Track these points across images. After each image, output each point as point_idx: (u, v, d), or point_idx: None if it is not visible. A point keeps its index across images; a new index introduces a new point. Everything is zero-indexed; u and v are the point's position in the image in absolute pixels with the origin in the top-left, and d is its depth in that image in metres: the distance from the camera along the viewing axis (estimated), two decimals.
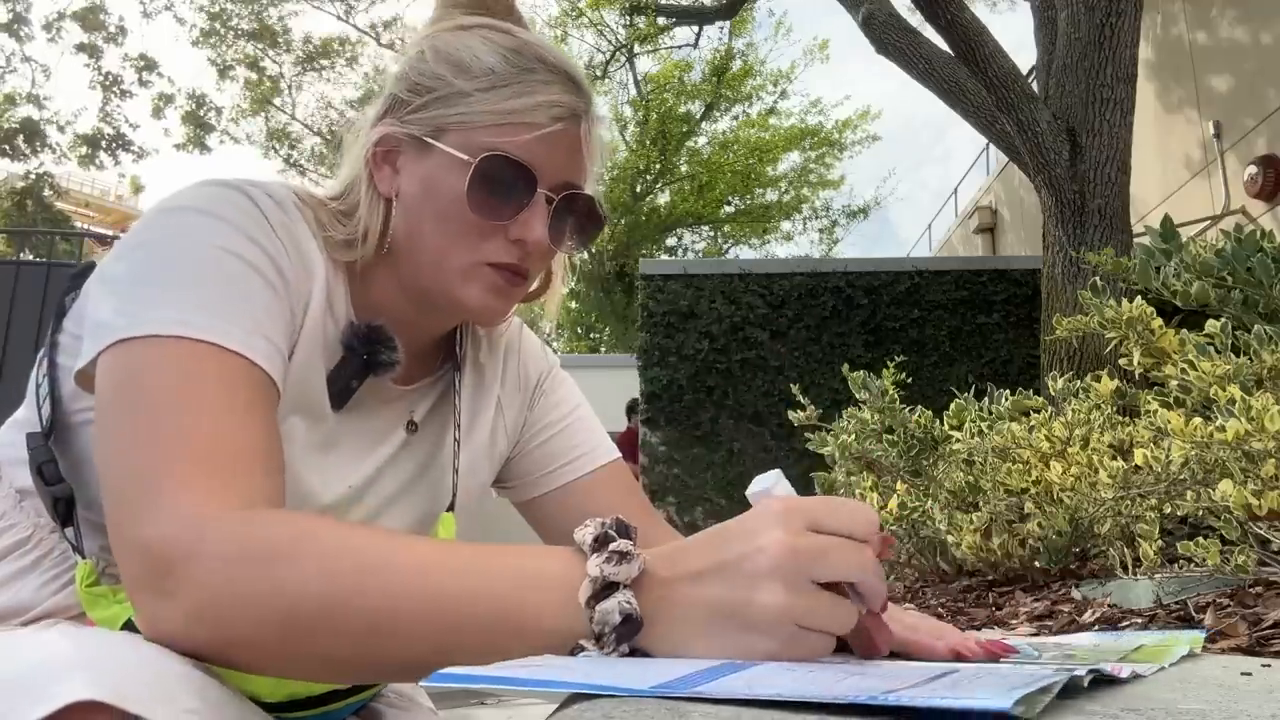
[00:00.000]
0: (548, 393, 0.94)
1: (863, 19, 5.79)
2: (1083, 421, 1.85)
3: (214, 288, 0.62)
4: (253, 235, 0.66)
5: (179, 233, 0.65)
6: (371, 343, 0.75)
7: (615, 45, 18.06)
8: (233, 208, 0.67)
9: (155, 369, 0.59)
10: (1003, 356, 7.20)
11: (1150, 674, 0.51)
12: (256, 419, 0.60)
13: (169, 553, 0.52)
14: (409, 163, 0.75)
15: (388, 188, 0.76)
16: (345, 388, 0.75)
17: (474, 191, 0.71)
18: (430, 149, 0.73)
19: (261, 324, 0.64)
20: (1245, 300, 1.86)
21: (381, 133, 0.76)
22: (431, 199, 0.73)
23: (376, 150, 0.76)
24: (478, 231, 0.73)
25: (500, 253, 0.74)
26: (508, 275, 0.75)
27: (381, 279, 0.78)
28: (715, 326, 7.42)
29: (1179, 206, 7.11)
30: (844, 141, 20.23)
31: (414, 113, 0.74)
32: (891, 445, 2.69)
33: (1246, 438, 1.20)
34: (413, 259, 0.75)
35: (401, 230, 0.75)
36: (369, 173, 0.76)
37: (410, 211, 0.75)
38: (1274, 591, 1.17)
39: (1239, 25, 7.13)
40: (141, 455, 0.56)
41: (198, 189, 0.69)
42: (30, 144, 14.21)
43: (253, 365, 0.61)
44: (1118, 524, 1.57)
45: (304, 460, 0.73)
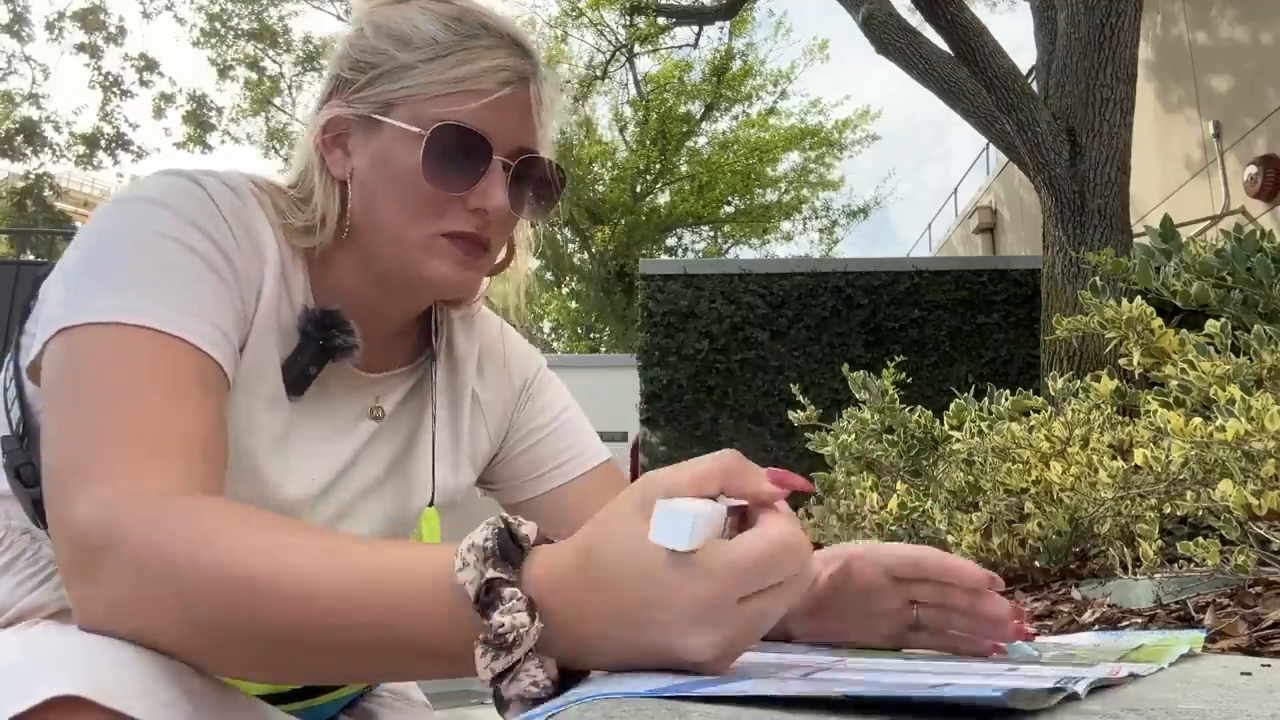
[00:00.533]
0: (534, 396, 0.93)
1: (863, 19, 5.78)
2: (1083, 421, 1.85)
3: (154, 274, 0.62)
4: (199, 223, 0.66)
5: (126, 222, 0.64)
6: (325, 327, 0.74)
7: (615, 45, 18.05)
8: (181, 196, 0.66)
9: (92, 356, 0.58)
10: (1003, 356, 7.19)
11: (1149, 674, 0.51)
12: (193, 403, 0.59)
13: (89, 541, 0.52)
14: (360, 143, 0.74)
15: (341, 170, 0.75)
16: (303, 374, 0.74)
17: (429, 163, 0.70)
18: (380, 126, 0.72)
19: (206, 310, 0.63)
20: (1245, 300, 1.86)
21: (328, 115, 0.74)
22: (386, 176, 0.72)
23: (325, 134, 0.75)
24: (435, 204, 0.72)
25: (460, 223, 0.73)
26: (468, 246, 0.74)
27: (344, 263, 0.77)
28: (715, 326, 7.42)
29: (1179, 206, 7.11)
30: (844, 141, 20.24)
31: (359, 91, 0.73)
32: (891, 445, 2.69)
33: (1246, 438, 1.20)
34: (372, 238, 0.74)
35: (359, 211, 0.74)
36: (320, 158, 0.75)
37: (365, 191, 0.74)
38: (1274, 591, 1.17)
39: (1239, 25, 7.13)
40: (73, 441, 0.56)
41: (150, 179, 0.69)
42: (30, 144, 14.21)
43: (194, 350, 0.61)
44: (1118, 524, 1.57)
45: (265, 451, 0.72)
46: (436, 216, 0.72)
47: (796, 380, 4.26)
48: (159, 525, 0.51)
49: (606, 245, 18.92)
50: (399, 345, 0.84)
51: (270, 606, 0.48)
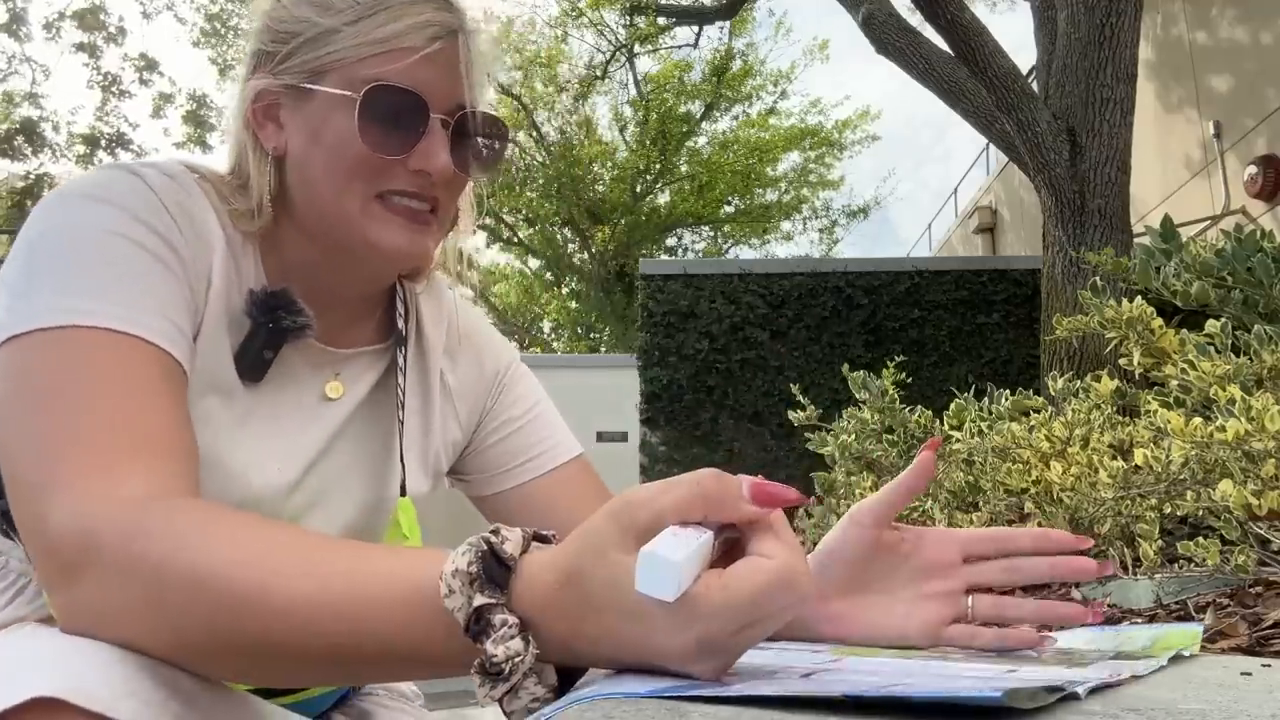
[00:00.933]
0: (508, 387, 0.91)
1: (863, 19, 5.78)
2: (1083, 421, 1.85)
3: (102, 272, 0.60)
4: (142, 216, 0.64)
5: (66, 221, 0.62)
6: (271, 309, 0.72)
7: (615, 45, 18.05)
8: (121, 190, 0.65)
9: (44, 362, 0.56)
10: (1003, 356, 7.19)
11: (1149, 673, 0.51)
12: (156, 401, 0.58)
13: (66, 552, 0.50)
14: (291, 115, 0.72)
15: (273, 143, 0.73)
16: (258, 359, 0.72)
17: (365, 127, 0.68)
18: (310, 94, 0.70)
19: (157, 305, 0.62)
20: (1245, 300, 1.86)
21: (256, 88, 0.72)
22: (321, 144, 0.70)
23: (255, 109, 0.73)
24: (374, 169, 0.70)
25: (404, 183, 0.71)
26: (414, 210, 0.72)
27: (291, 241, 0.75)
28: (715, 326, 7.41)
29: (1179, 206, 7.11)
30: (844, 141, 20.23)
31: (283, 62, 0.71)
32: (891, 445, 2.69)
33: (1246, 438, 1.19)
34: (313, 211, 0.72)
35: (297, 184, 0.72)
36: (252, 135, 0.73)
37: (301, 163, 0.72)
38: (1274, 591, 1.16)
39: (1239, 25, 7.13)
40: (36, 449, 0.54)
41: (88, 175, 0.67)
42: (30, 144, 14.20)
43: (149, 345, 0.59)
44: (1118, 524, 1.57)
45: (225, 441, 0.71)
46: (374, 180, 0.70)
47: (796, 380, 4.26)
48: (137, 534, 0.50)
49: (606, 245, 18.91)
50: (366, 322, 0.82)
51: (251, 620, 0.47)
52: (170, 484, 0.54)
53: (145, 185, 0.66)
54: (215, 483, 0.70)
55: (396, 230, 0.71)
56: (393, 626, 0.47)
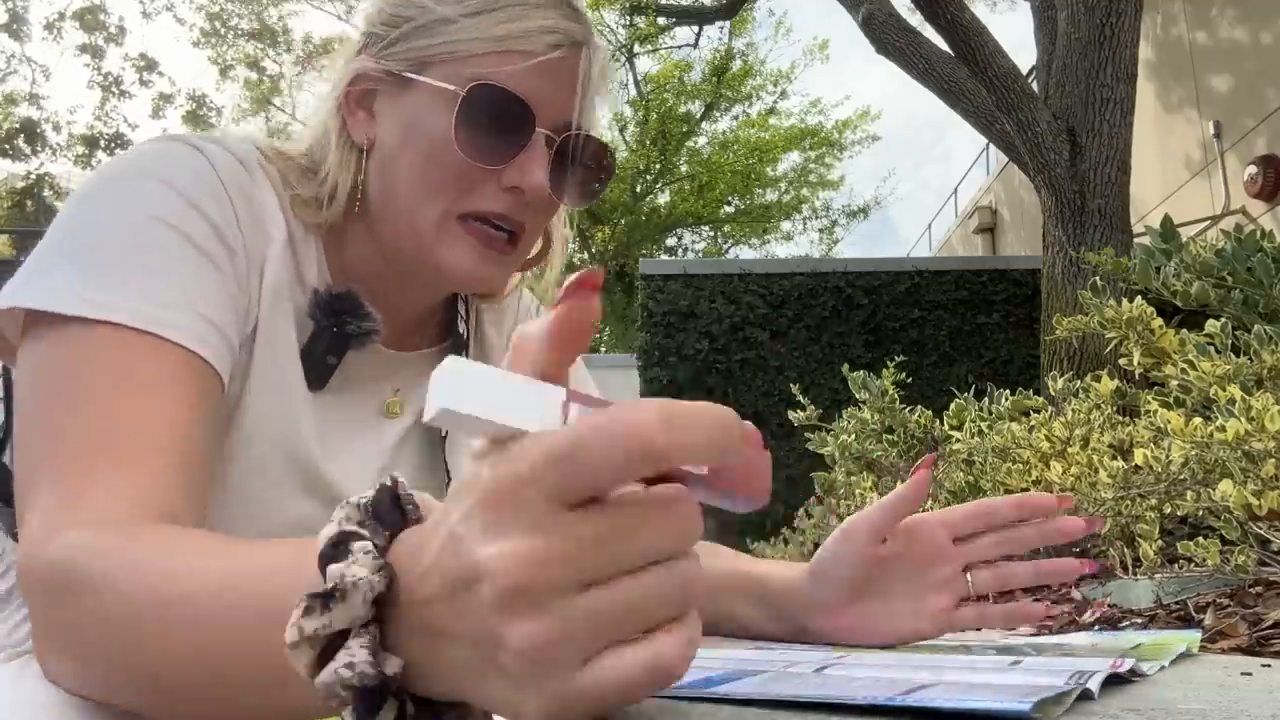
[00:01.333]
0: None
1: (863, 19, 5.78)
2: (1083, 421, 1.84)
3: (132, 261, 0.55)
4: (195, 199, 0.59)
5: (113, 196, 0.57)
6: (337, 312, 0.66)
7: (615, 45, 18.04)
8: (179, 167, 0.59)
9: (49, 357, 0.53)
10: (1003, 356, 7.19)
11: (1153, 672, 0.51)
12: (158, 405, 0.52)
13: (21, 573, 0.47)
14: (387, 105, 0.66)
15: (362, 135, 0.67)
16: (321, 364, 0.67)
17: (462, 128, 0.62)
18: (410, 85, 0.64)
19: (191, 300, 0.56)
20: (1245, 300, 1.86)
21: (355, 70, 0.66)
22: (412, 141, 0.64)
23: (350, 92, 0.67)
24: (463, 178, 0.63)
25: (489, 201, 0.64)
26: (492, 235, 0.65)
27: (357, 241, 0.69)
28: (715, 326, 7.41)
29: (1179, 206, 7.11)
30: (844, 142, 20.24)
31: (390, 47, 0.65)
32: (891, 445, 2.69)
33: (1246, 438, 1.19)
34: (388, 215, 0.66)
35: (376, 183, 0.66)
36: (341, 121, 0.67)
37: (387, 159, 0.65)
38: (1274, 591, 1.16)
39: (1239, 25, 7.13)
40: (21, 462, 0.51)
41: (149, 146, 0.61)
42: (30, 144, 14.21)
43: (168, 344, 0.54)
44: (1118, 524, 1.57)
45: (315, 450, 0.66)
46: (462, 193, 0.64)
47: (796, 380, 4.25)
48: (64, 558, 0.44)
49: (606, 245, 18.91)
50: (427, 324, 0.77)
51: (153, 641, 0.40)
52: (145, 502, 0.48)
53: (207, 162, 0.61)
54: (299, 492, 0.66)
55: (467, 252, 0.65)
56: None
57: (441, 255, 0.65)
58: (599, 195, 0.71)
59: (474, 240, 0.65)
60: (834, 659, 0.56)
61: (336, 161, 0.66)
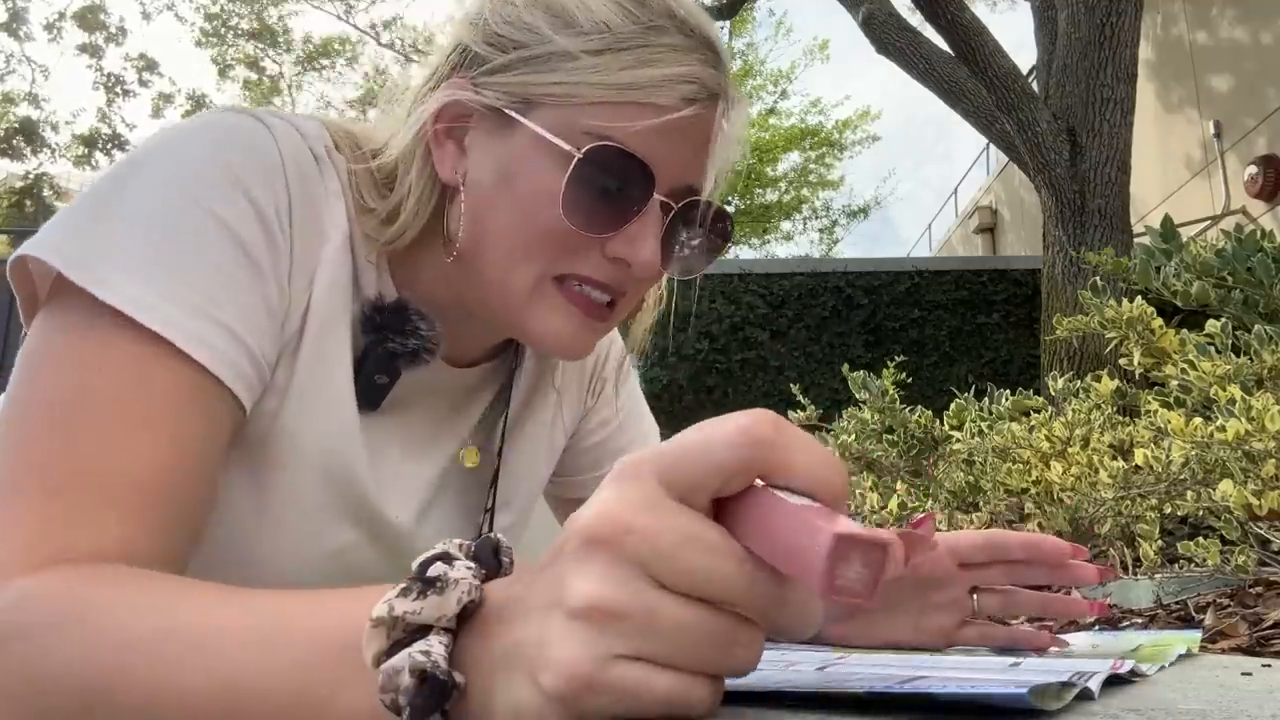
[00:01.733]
0: (609, 381, 0.80)
1: (863, 19, 5.79)
2: (1083, 421, 1.85)
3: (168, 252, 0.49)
4: (249, 187, 0.52)
5: (164, 170, 0.51)
6: (379, 328, 0.59)
7: None
8: (238, 146, 0.53)
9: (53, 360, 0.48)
10: (1003, 356, 7.19)
11: (1153, 673, 0.51)
12: (151, 443, 0.46)
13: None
14: (482, 141, 0.58)
15: (450, 172, 0.58)
16: (370, 383, 0.60)
17: (572, 193, 0.54)
18: (514, 126, 0.56)
19: (222, 308, 0.50)
20: (1245, 300, 1.86)
21: (449, 97, 0.57)
22: (512, 193, 0.56)
23: (441, 117, 0.58)
24: (566, 243, 0.56)
25: (590, 268, 0.57)
26: (592, 302, 0.58)
27: (428, 267, 0.61)
28: (715, 326, 7.41)
29: (1179, 206, 7.11)
30: (844, 142, 20.24)
31: (494, 74, 0.57)
32: (891, 445, 2.69)
33: (1247, 438, 1.19)
34: (475, 266, 0.59)
35: (463, 225, 0.58)
36: (425, 149, 0.59)
37: (480, 205, 0.57)
38: (1274, 591, 1.16)
39: (1239, 25, 7.13)
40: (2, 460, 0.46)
41: (210, 117, 0.55)
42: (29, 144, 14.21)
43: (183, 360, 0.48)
44: (1118, 524, 1.57)
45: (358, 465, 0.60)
46: (563, 257, 0.57)
47: (796, 380, 4.26)
48: (18, 612, 0.40)
49: None
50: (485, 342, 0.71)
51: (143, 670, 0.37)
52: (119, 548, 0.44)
53: (272, 142, 0.54)
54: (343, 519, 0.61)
55: (563, 320, 0.58)
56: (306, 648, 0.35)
57: (532, 318, 0.58)
58: (712, 262, 0.64)
59: (573, 308, 0.58)
60: (834, 659, 0.56)
61: (416, 194, 0.59)
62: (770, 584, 0.30)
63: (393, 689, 0.30)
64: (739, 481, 0.30)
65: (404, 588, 0.32)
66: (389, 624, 0.31)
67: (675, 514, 0.29)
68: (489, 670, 0.31)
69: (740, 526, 0.30)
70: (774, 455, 0.30)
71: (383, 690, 0.30)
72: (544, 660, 0.29)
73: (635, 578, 0.29)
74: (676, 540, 0.29)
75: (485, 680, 0.31)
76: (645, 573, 0.29)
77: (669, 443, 0.31)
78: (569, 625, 0.29)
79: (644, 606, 0.28)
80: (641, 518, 0.29)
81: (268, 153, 0.54)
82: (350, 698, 0.33)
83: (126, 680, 0.37)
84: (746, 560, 0.29)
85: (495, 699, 0.31)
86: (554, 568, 0.31)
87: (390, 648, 0.31)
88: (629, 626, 0.29)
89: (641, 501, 0.30)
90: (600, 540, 0.29)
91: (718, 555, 0.29)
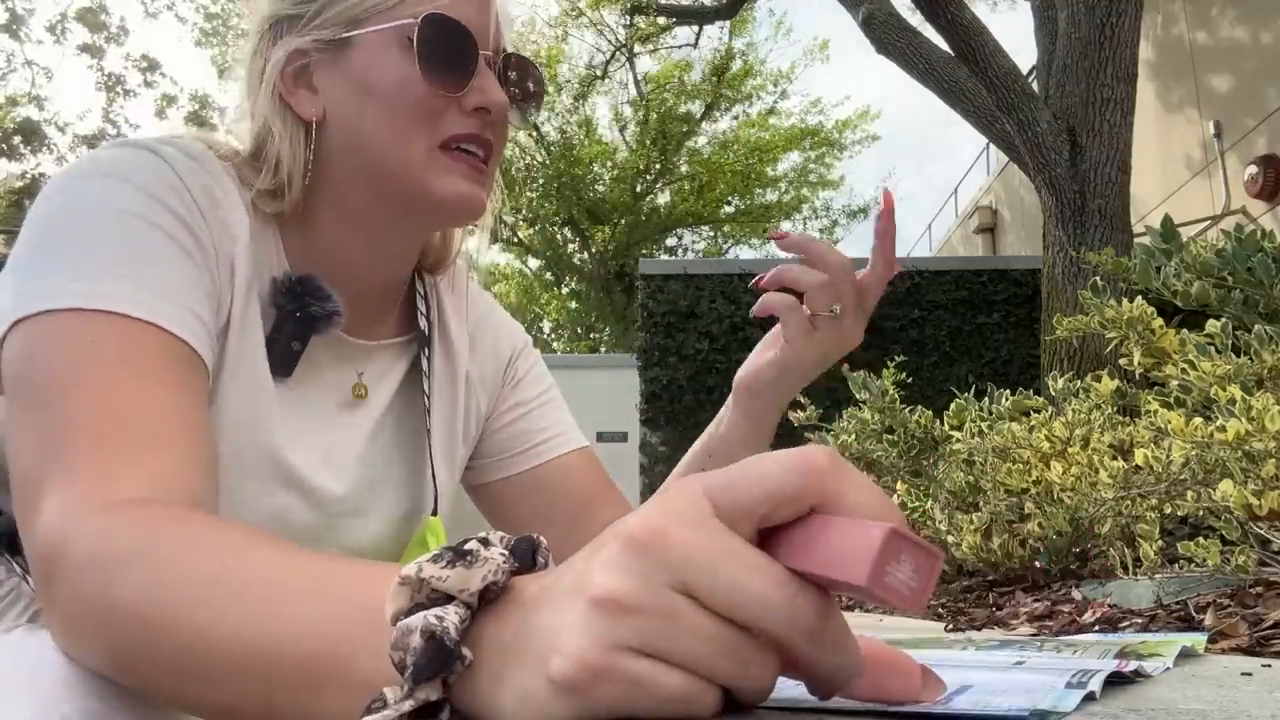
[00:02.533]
0: (520, 368, 0.88)
1: (863, 19, 5.79)
2: (1083, 421, 1.85)
3: (116, 254, 0.55)
4: (162, 197, 0.59)
5: (81, 200, 0.58)
6: (298, 296, 0.68)
7: (615, 45, 18.06)
8: (141, 169, 0.60)
9: (50, 349, 0.52)
10: (1003, 356, 7.19)
11: (1157, 673, 0.51)
12: (167, 392, 0.53)
13: (43, 553, 0.47)
14: (328, 74, 0.68)
15: (309, 110, 0.68)
16: (287, 350, 0.68)
17: (425, 61, 0.65)
18: (350, 45, 0.67)
19: (176, 292, 0.57)
20: (1245, 300, 1.86)
21: (286, 50, 0.68)
22: (375, 92, 0.66)
23: (285, 74, 0.68)
24: (432, 110, 0.66)
25: (460, 125, 0.68)
26: (472, 159, 0.68)
27: (323, 219, 0.70)
28: (715, 326, 7.41)
29: (1179, 206, 7.11)
30: (844, 142, 20.24)
31: (312, 20, 0.68)
32: (891, 445, 2.69)
33: (1247, 438, 1.19)
34: (365, 171, 0.68)
35: (340, 149, 0.68)
36: (281, 106, 0.68)
37: (348, 121, 0.67)
38: (1274, 591, 1.16)
39: (1239, 25, 7.13)
40: (33, 449, 0.50)
41: (104, 152, 0.62)
42: (30, 144, 14.21)
43: (165, 333, 0.55)
44: (1118, 524, 1.57)
45: (281, 438, 0.67)
46: (435, 124, 0.67)
47: None
48: (100, 543, 0.44)
49: (606, 245, 18.91)
50: (389, 314, 0.78)
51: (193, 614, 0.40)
52: (172, 484, 0.49)
53: (167, 165, 0.61)
54: (273, 484, 0.67)
55: (459, 180, 0.68)
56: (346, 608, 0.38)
57: (435, 185, 0.67)
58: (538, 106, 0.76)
59: (463, 167, 0.68)
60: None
61: (289, 146, 0.68)
62: (809, 611, 0.29)
63: (402, 647, 0.31)
64: (789, 510, 0.31)
65: (437, 554, 0.33)
66: (415, 584, 0.32)
67: (718, 530, 0.30)
68: (500, 655, 0.32)
69: (786, 550, 0.30)
70: (827, 484, 0.31)
71: (393, 648, 0.32)
72: (556, 645, 0.30)
73: (664, 581, 0.29)
74: (717, 553, 0.29)
75: (496, 665, 0.32)
76: (678, 579, 0.29)
77: (725, 469, 0.32)
78: (586, 613, 0.29)
79: (665, 605, 0.29)
80: (683, 529, 0.29)
81: (165, 172, 0.61)
82: (370, 661, 0.35)
83: (183, 616, 0.40)
84: (788, 584, 0.29)
85: (504, 684, 0.32)
86: (584, 563, 0.31)
87: (411, 609, 0.32)
88: (646, 622, 0.29)
89: (687, 515, 0.30)
90: (638, 544, 0.30)
91: (757, 573, 0.29)
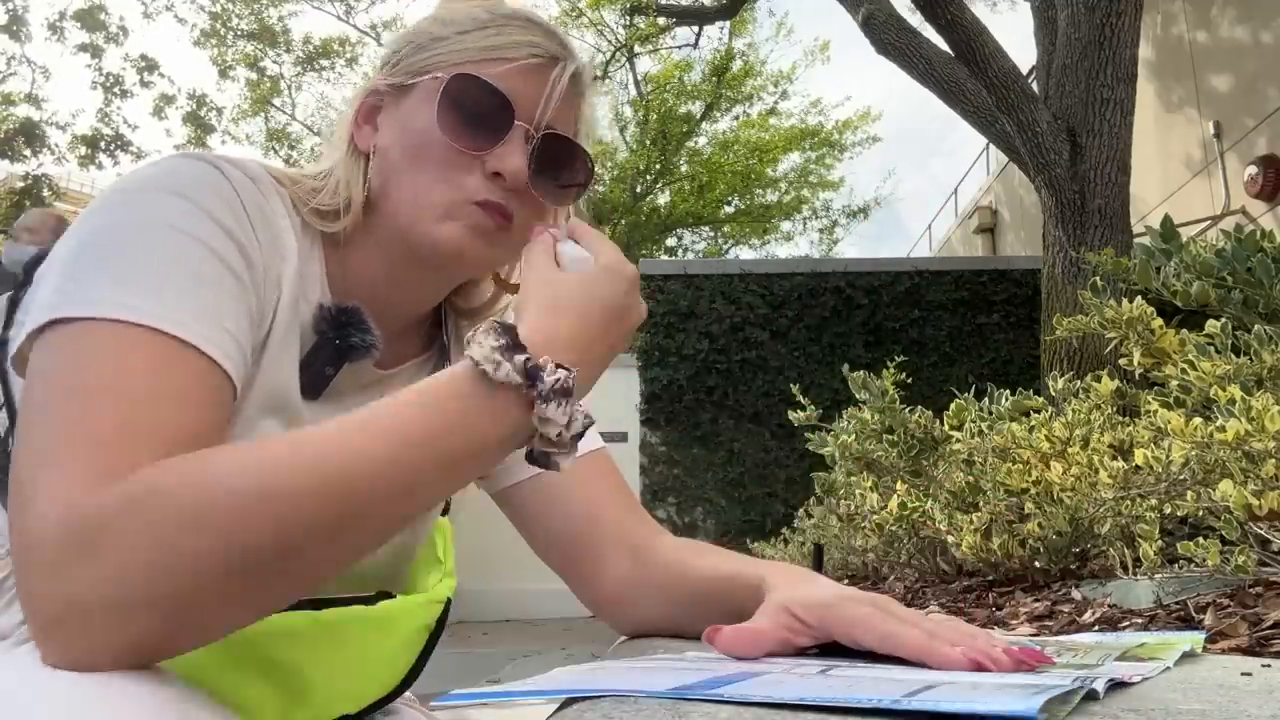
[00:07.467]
0: None
1: (863, 19, 5.79)
2: (1083, 422, 1.84)
3: (165, 271, 0.57)
4: (218, 216, 0.61)
5: (137, 211, 0.59)
6: (342, 325, 0.71)
7: (615, 45, 18.04)
8: (201, 185, 0.62)
9: (85, 353, 0.53)
10: (1003, 356, 7.20)
11: (1156, 673, 0.51)
12: (196, 410, 0.54)
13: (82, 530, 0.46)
14: (389, 114, 0.74)
15: (366, 144, 0.75)
16: (319, 375, 0.71)
17: (444, 117, 0.69)
18: (411, 90, 0.73)
19: (218, 314, 0.58)
20: (1245, 300, 1.86)
21: (366, 88, 0.76)
22: (406, 135, 0.72)
23: (360, 108, 0.76)
24: (452, 165, 0.70)
25: (480, 189, 0.70)
26: (489, 213, 0.71)
27: (365, 245, 0.74)
28: (715, 326, 7.41)
29: (1179, 206, 7.11)
30: (844, 143, 20.23)
31: (395, 66, 0.75)
32: (891, 445, 2.69)
33: (1247, 438, 1.19)
34: (391, 208, 0.72)
35: (377, 181, 0.73)
36: (350, 135, 0.75)
37: (387, 157, 0.73)
38: (1274, 591, 1.16)
39: (1239, 25, 7.13)
40: (41, 441, 0.50)
41: (167, 164, 0.63)
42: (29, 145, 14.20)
43: (202, 357, 0.56)
44: (1118, 524, 1.57)
45: None
46: (454, 178, 0.70)
47: (796, 380, 4.25)
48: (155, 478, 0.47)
49: None
50: (410, 340, 0.82)
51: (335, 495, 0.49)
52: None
53: (228, 184, 0.64)
54: None
55: (466, 231, 0.71)
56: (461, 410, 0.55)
57: (440, 233, 0.71)
58: (576, 198, 0.79)
59: (473, 219, 0.71)
60: (839, 660, 0.56)
61: (345, 170, 0.74)
62: None
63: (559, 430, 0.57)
64: None
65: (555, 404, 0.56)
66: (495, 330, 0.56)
67: None
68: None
69: None
70: None
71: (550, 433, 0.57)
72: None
73: None
74: None
75: None
76: None
77: None
78: None
79: None
80: None
81: (224, 189, 0.63)
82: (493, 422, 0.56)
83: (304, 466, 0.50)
84: None
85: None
86: None
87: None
88: None
89: None
90: None
91: None
